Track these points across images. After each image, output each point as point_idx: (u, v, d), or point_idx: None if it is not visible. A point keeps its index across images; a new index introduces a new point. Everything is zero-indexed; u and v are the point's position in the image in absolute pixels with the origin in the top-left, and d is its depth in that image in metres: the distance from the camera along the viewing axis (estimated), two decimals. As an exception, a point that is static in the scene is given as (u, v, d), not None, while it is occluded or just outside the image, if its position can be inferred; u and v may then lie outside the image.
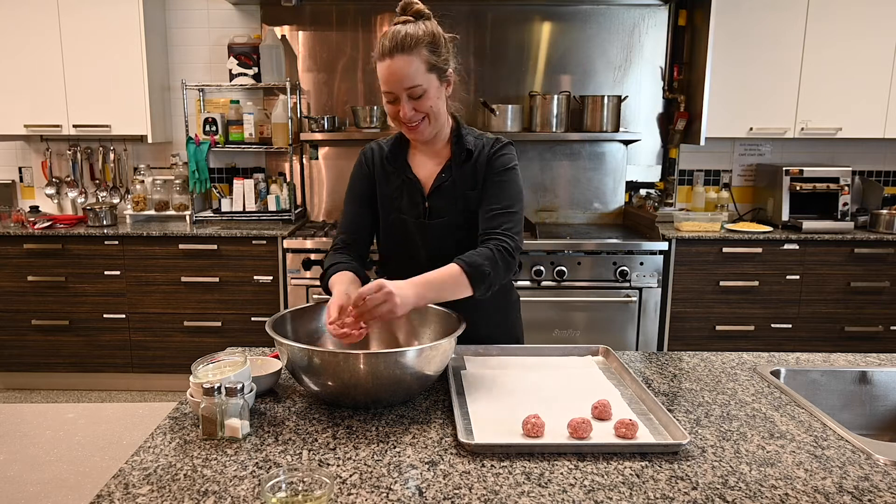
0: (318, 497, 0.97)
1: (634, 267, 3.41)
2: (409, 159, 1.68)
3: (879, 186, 3.93)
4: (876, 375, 1.58)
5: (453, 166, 1.64)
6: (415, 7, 1.53)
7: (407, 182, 1.66)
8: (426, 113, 1.54)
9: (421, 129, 1.56)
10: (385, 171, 1.68)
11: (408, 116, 1.52)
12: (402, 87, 1.49)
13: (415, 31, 1.48)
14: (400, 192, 1.66)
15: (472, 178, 1.63)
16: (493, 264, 1.49)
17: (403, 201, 1.66)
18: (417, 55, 1.48)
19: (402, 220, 1.66)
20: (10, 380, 3.78)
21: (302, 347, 1.26)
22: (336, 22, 3.86)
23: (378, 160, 1.69)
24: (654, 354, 1.69)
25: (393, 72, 1.48)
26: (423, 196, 1.65)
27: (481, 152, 1.64)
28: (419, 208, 1.65)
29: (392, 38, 1.47)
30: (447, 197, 1.64)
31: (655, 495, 1.03)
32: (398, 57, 1.47)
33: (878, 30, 3.59)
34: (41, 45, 3.60)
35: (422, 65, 1.49)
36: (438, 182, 1.64)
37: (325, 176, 4.01)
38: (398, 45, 1.46)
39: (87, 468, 1.34)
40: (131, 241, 3.53)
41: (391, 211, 1.68)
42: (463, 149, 1.64)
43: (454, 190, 1.63)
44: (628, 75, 3.94)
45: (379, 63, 1.50)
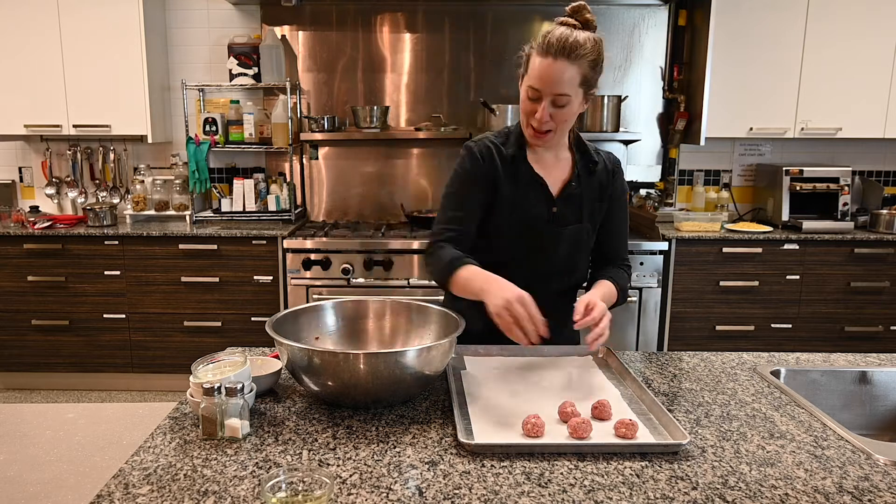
0: (318, 497, 0.97)
1: (634, 267, 3.40)
2: (530, 160, 1.62)
3: (879, 186, 3.93)
4: (876, 375, 1.58)
5: (581, 175, 1.63)
6: (585, 14, 1.48)
7: (534, 184, 1.61)
8: (559, 123, 1.51)
9: (547, 137, 1.54)
10: (507, 171, 1.60)
11: (543, 120, 1.49)
12: (552, 90, 1.46)
13: (585, 41, 1.44)
14: (526, 193, 1.60)
15: (599, 190, 1.65)
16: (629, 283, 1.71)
17: (529, 202, 1.60)
18: (578, 66, 1.45)
19: (529, 222, 1.60)
20: (10, 380, 3.78)
21: (302, 347, 1.26)
22: (336, 22, 3.86)
23: (497, 157, 1.61)
24: (654, 354, 1.69)
25: (551, 73, 1.45)
26: (552, 200, 1.61)
27: (604, 167, 1.67)
28: (547, 212, 1.61)
29: (561, 38, 1.43)
30: (574, 205, 1.62)
31: (655, 495, 1.03)
32: (561, 61, 1.44)
33: (878, 30, 3.59)
34: (41, 45, 3.60)
35: (577, 76, 1.46)
36: (568, 189, 1.62)
37: (325, 176, 4.01)
38: (566, 48, 1.43)
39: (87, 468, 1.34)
40: (131, 241, 3.53)
41: (515, 210, 1.60)
42: (591, 159, 1.64)
43: (582, 199, 1.63)
44: (628, 75, 3.94)
45: (538, 57, 1.46)
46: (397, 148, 3.97)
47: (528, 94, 1.51)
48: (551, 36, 1.45)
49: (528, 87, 1.50)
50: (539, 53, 1.46)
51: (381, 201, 4.03)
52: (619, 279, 1.65)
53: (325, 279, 3.41)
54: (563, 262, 1.64)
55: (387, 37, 3.88)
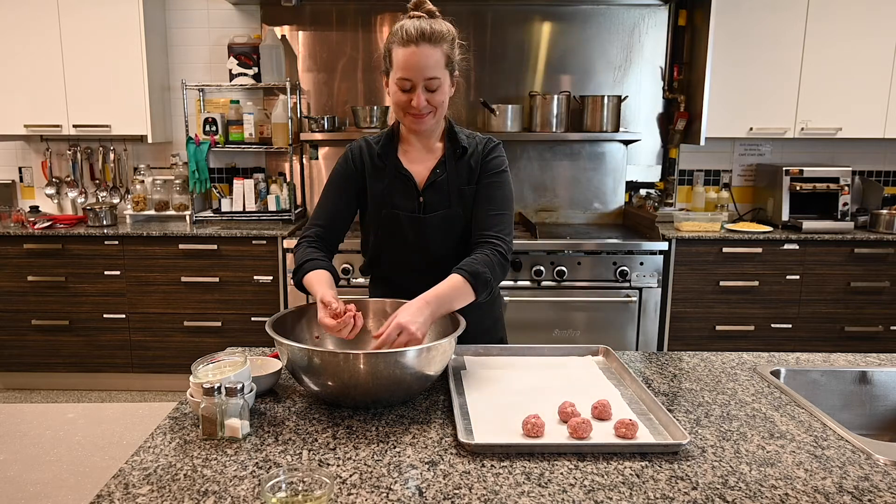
0: (318, 497, 0.97)
1: (634, 267, 3.41)
2: (400, 155, 1.69)
3: (879, 186, 3.93)
4: (876, 375, 1.58)
5: (447, 162, 1.66)
6: (426, 6, 1.57)
7: (399, 177, 1.67)
8: (436, 106, 1.57)
9: (426, 120, 1.59)
10: (375, 167, 1.68)
11: (421, 106, 1.54)
12: (422, 76, 1.52)
13: (440, 27, 1.53)
14: (392, 188, 1.67)
15: (467, 174, 1.67)
16: (492, 269, 1.55)
17: (396, 197, 1.67)
18: (441, 48, 1.53)
19: (395, 214, 1.66)
20: (10, 380, 3.78)
21: (302, 347, 1.26)
22: (336, 22, 3.86)
23: (367, 156, 1.69)
24: (654, 354, 1.69)
25: (417, 59, 1.50)
26: (418, 191, 1.66)
27: (475, 150, 1.69)
28: (413, 203, 1.66)
29: (419, 28, 1.50)
30: (442, 192, 1.66)
31: (655, 495, 1.03)
32: (424, 46, 1.50)
33: (878, 30, 3.59)
34: (41, 45, 3.60)
35: (442, 58, 1.53)
36: (433, 177, 1.66)
37: (324, 176, 4.01)
38: (425, 35, 1.50)
39: (87, 468, 1.34)
40: (131, 241, 3.53)
41: (383, 206, 1.67)
42: (458, 145, 1.67)
43: (448, 185, 1.66)
44: (628, 75, 3.94)
45: (401, 49, 1.51)
46: (397, 148, 3.96)
47: (399, 87, 1.54)
48: (408, 27, 1.51)
49: (398, 79, 1.54)
50: (401, 45, 1.52)
51: (381, 201, 4.02)
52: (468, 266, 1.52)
53: (325, 279, 3.41)
54: (436, 248, 1.66)
55: (386, 37, 3.87)
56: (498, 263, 1.58)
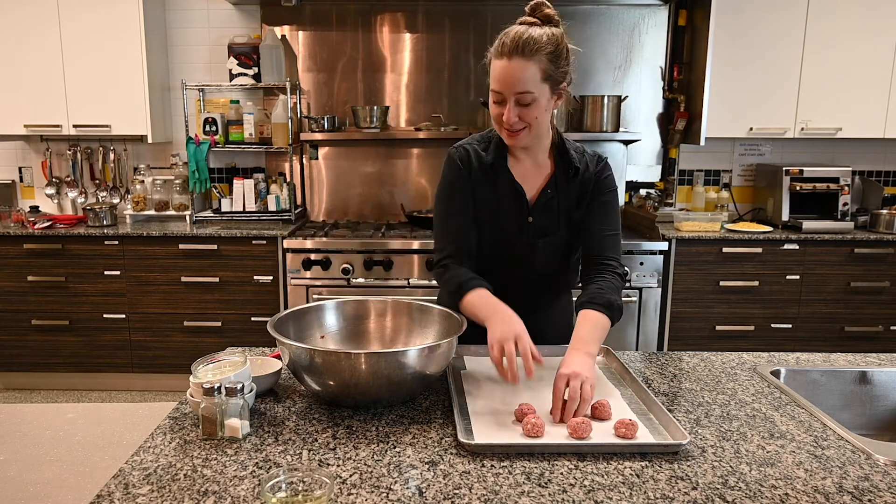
0: (318, 497, 0.97)
1: (634, 267, 3.41)
2: (511, 167, 1.60)
3: (879, 186, 3.93)
4: (876, 375, 1.58)
5: (559, 182, 1.60)
6: (545, 10, 1.47)
7: (511, 192, 1.58)
8: (529, 122, 1.48)
9: (521, 136, 1.50)
10: (485, 176, 1.59)
11: (511, 122, 1.46)
12: (513, 90, 1.44)
13: (539, 35, 1.42)
14: (502, 202, 1.58)
15: (577, 197, 1.61)
16: (618, 294, 1.53)
17: (505, 213, 1.59)
18: (536, 62, 1.42)
19: (503, 232, 1.60)
20: (10, 380, 3.78)
21: (304, 347, 1.26)
22: (336, 22, 3.86)
23: (476, 164, 1.60)
24: (654, 354, 1.69)
25: (508, 74, 1.42)
26: (529, 210, 1.59)
27: (587, 169, 1.61)
28: (522, 222, 1.60)
29: (514, 38, 1.42)
30: (551, 214, 1.60)
31: (655, 495, 1.03)
32: (516, 59, 1.41)
33: (878, 30, 3.59)
34: (41, 45, 3.59)
35: (538, 72, 1.43)
36: (543, 198, 1.59)
37: (325, 176, 4.01)
38: (519, 47, 1.41)
39: (87, 468, 1.34)
40: (131, 241, 3.53)
41: (490, 220, 1.59)
42: (570, 165, 1.59)
43: (559, 207, 1.60)
44: (628, 75, 3.94)
45: (495, 60, 1.45)
46: (397, 148, 3.97)
47: (493, 99, 1.49)
48: (506, 37, 1.44)
49: (492, 91, 1.48)
50: (496, 56, 1.45)
51: (381, 201, 4.03)
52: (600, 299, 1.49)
53: (325, 279, 3.41)
54: (542, 271, 1.62)
55: (387, 37, 3.88)
56: (620, 286, 1.56)
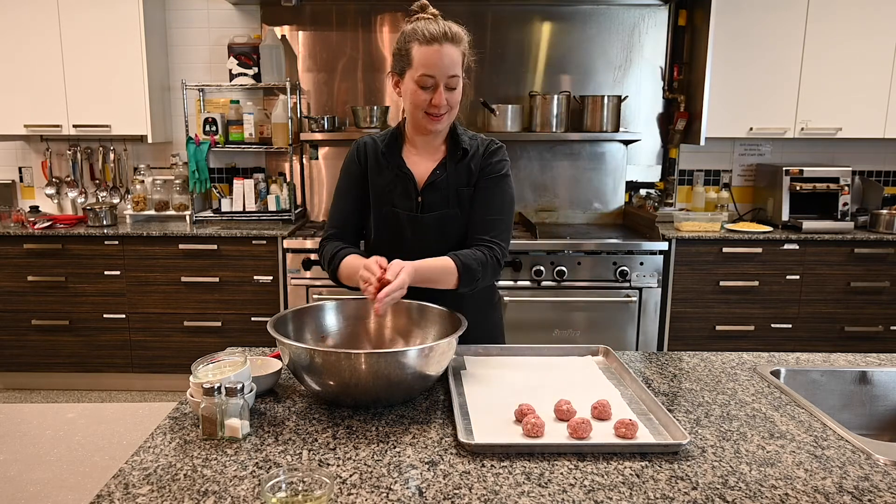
0: (318, 497, 0.97)
1: (634, 267, 3.41)
2: (404, 155, 1.71)
3: (879, 186, 3.93)
4: (876, 375, 1.58)
5: (448, 163, 1.68)
6: (430, 10, 1.61)
7: (401, 176, 1.68)
8: (453, 106, 1.59)
9: (443, 120, 1.60)
10: (379, 165, 1.70)
11: (441, 104, 1.56)
12: (446, 74, 1.54)
13: (458, 28, 1.57)
14: (393, 186, 1.68)
15: (467, 175, 1.68)
16: (484, 268, 1.60)
17: (396, 195, 1.68)
18: (461, 49, 1.56)
19: (395, 213, 1.68)
20: (10, 380, 3.78)
21: (304, 347, 1.27)
22: (336, 22, 3.86)
23: (372, 153, 1.71)
24: (654, 354, 1.69)
25: (441, 57, 1.53)
26: (417, 190, 1.68)
27: (476, 152, 1.70)
28: (412, 202, 1.67)
29: (442, 27, 1.54)
30: (440, 192, 1.67)
31: (655, 495, 1.03)
32: (448, 45, 1.53)
33: (878, 30, 3.59)
34: (41, 45, 3.60)
35: (461, 58, 1.57)
36: (433, 178, 1.67)
37: (325, 176, 4.01)
38: (448, 35, 1.54)
39: (87, 468, 1.34)
40: (131, 241, 3.53)
41: (383, 204, 1.69)
42: (459, 146, 1.69)
43: (448, 186, 1.67)
44: (628, 75, 3.94)
45: (424, 47, 1.53)
46: (397, 148, 3.96)
47: (420, 84, 1.55)
48: (429, 27, 1.54)
49: (420, 76, 1.55)
50: (424, 43, 1.53)
51: (381, 201, 4.02)
52: (464, 256, 1.58)
53: (326, 279, 3.40)
54: (432, 248, 1.63)
55: (387, 37, 3.88)
56: (491, 266, 1.62)
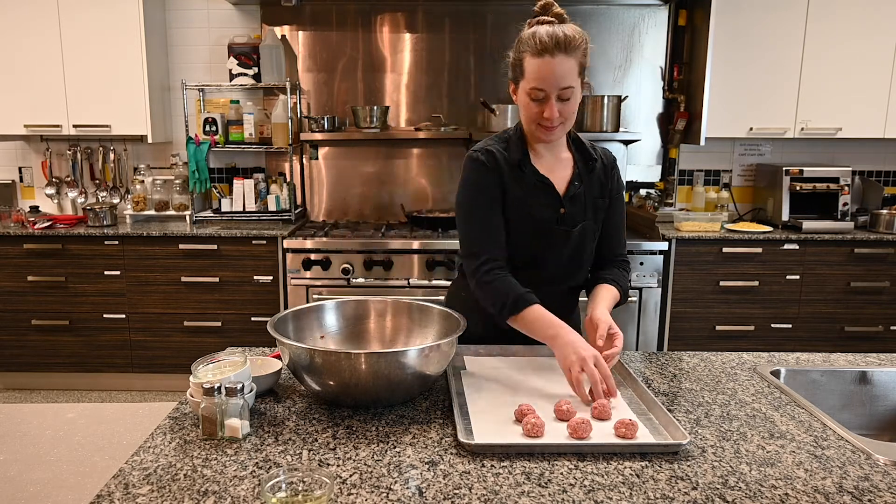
0: (318, 497, 0.97)
1: (634, 267, 3.40)
2: (534, 163, 1.63)
3: (879, 186, 3.93)
4: (876, 375, 1.58)
5: (582, 174, 1.64)
6: (555, 9, 1.53)
7: (540, 186, 1.61)
8: (567, 117, 1.53)
9: (557, 131, 1.55)
10: (513, 174, 1.60)
11: (553, 116, 1.50)
12: (557, 86, 1.48)
13: (573, 33, 1.48)
14: (533, 196, 1.60)
15: (599, 187, 1.67)
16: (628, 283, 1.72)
17: (537, 205, 1.60)
18: (575, 57, 1.48)
19: (536, 224, 1.61)
20: (10, 380, 3.78)
21: (304, 347, 1.27)
22: (336, 22, 3.86)
23: (503, 163, 1.60)
24: (654, 354, 1.69)
25: (553, 70, 1.46)
26: (560, 201, 1.62)
27: (603, 162, 1.69)
28: (555, 213, 1.61)
29: (553, 36, 1.46)
30: (580, 204, 1.64)
31: (655, 495, 1.03)
32: (560, 56, 1.46)
33: (878, 30, 3.59)
34: (41, 45, 3.59)
35: (576, 67, 1.49)
36: (573, 189, 1.63)
37: (325, 176, 4.01)
38: (561, 44, 1.46)
39: (87, 468, 1.34)
40: (131, 241, 3.53)
41: (523, 216, 1.60)
42: (590, 157, 1.66)
43: (585, 197, 1.64)
44: (628, 75, 3.94)
45: (535, 59, 1.47)
46: (397, 148, 3.97)
47: (531, 97, 1.50)
48: (540, 36, 1.46)
49: (531, 89, 1.49)
50: (535, 55, 1.47)
51: (381, 201, 4.03)
52: (620, 280, 1.67)
53: (325, 279, 3.41)
54: (570, 262, 1.66)
55: (387, 37, 3.88)
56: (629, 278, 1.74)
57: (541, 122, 1.53)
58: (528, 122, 1.57)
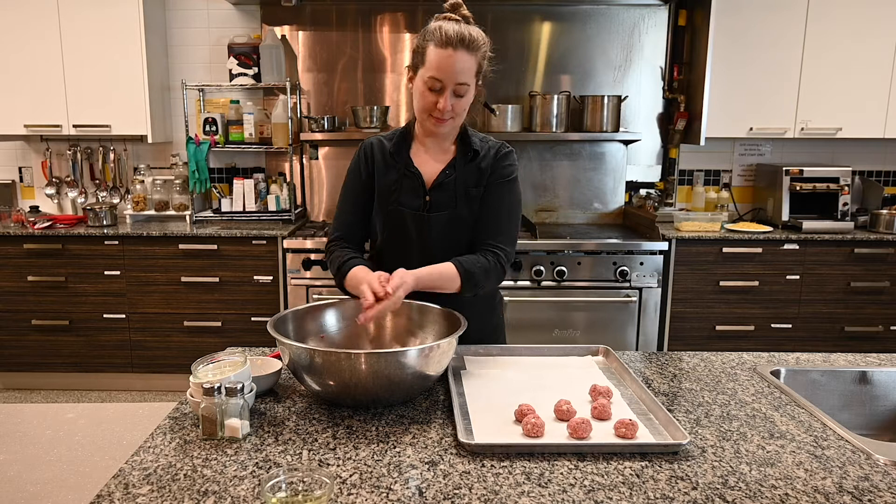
0: (318, 497, 0.97)
1: (634, 267, 3.41)
2: (412, 154, 1.70)
3: (879, 186, 3.93)
4: (876, 375, 1.58)
5: (458, 164, 1.68)
6: (463, 11, 1.58)
7: (408, 175, 1.67)
8: (458, 112, 1.58)
9: (447, 124, 1.59)
10: (386, 165, 1.69)
11: (445, 109, 1.54)
12: (454, 80, 1.52)
13: (478, 34, 1.54)
14: (399, 185, 1.67)
15: (476, 176, 1.68)
16: (486, 274, 1.62)
17: (403, 194, 1.67)
18: (476, 56, 1.54)
19: (401, 212, 1.67)
20: (10, 380, 3.78)
21: (304, 347, 1.27)
22: (336, 22, 3.86)
23: (379, 153, 1.70)
24: (654, 354, 1.69)
25: (453, 63, 1.51)
26: (425, 189, 1.67)
27: (486, 154, 1.70)
28: (420, 201, 1.67)
29: (458, 32, 1.50)
30: (449, 192, 1.67)
31: (655, 495, 1.03)
32: (462, 51, 1.51)
33: (878, 30, 3.59)
34: (41, 45, 3.59)
35: (475, 66, 1.55)
36: (441, 178, 1.67)
37: (324, 176, 4.01)
38: (465, 40, 1.51)
39: (87, 468, 1.34)
40: (131, 241, 3.53)
41: (389, 203, 1.68)
42: (469, 148, 1.69)
43: (456, 186, 1.66)
44: (628, 75, 3.94)
45: (438, 50, 1.51)
46: (397, 148, 3.97)
47: (428, 86, 1.55)
48: (447, 29, 1.51)
49: (429, 77, 1.53)
50: (438, 45, 1.51)
51: (381, 201, 4.02)
52: (467, 263, 1.59)
53: (326, 279, 3.41)
54: (439, 248, 1.66)
55: (387, 37, 3.88)
56: (494, 271, 1.63)
57: (432, 113, 1.57)
58: (420, 111, 1.61)
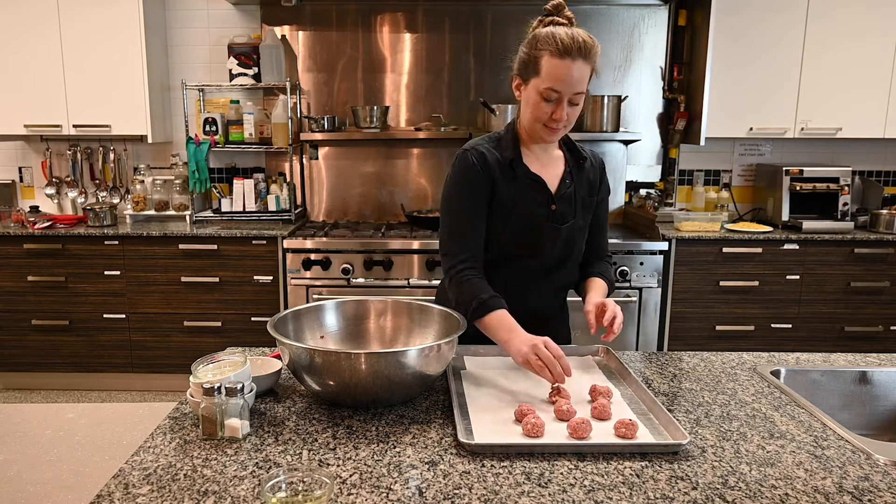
0: (318, 497, 0.97)
1: (634, 267, 3.41)
2: (526, 161, 1.64)
3: (879, 186, 3.93)
4: (876, 375, 1.58)
5: (573, 172, 1.67)
6: (566, 12, 1.55)
7: (532, 184, 1.62)
8: (572, 120, 1.55)
9: (560, 132, 1.57)
10: (503, 174, 1.61)
11: (562, 119, 1.52)
12: (572, 90, 1.49)
13: (591, 40, 1.49)
14: (524, 194, 1.61)
15: (588, 186, 1.70)
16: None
17: (529, 203, 1.61)
18: (591, 63, 1.50)
19: (530, 223, 1.61)
20: (10, 380, 3.78)
21: (304, 347, 1.27)
22: (336, 22, 3.86)
23: (494, 162, 1.60)
24: (654, 354, 1.69)
25: (572, 73, 1.47)
26: (552, 198, 1.63)
27: (592, 162, 1.72)
28: (546, 211, 1.63)
29: (575, 40, 1.46)
30: (570, 202, 1.66)
31: (655, 495, 1.03)
32: (580, 61, 1.47)
33: (878, 30, 3.59)
34: (41, 45, 3.59)
35: (590, 73, 1.51)
36: (564, 187, 1.65)
37: (324, 176, 4.01)
38: (583, 49, 1.47)
39: (87, 468, 1.34)
40: (131, 241, 3.53)
41: (513, 214, 1.61)
42: (580, 156, 1.69)
43: (575, 196, 1.67)
44: (628, 75, 3.93)
45: (555, 60, 1.47)
46: (397, 148, 3.97)
47: (544, 96, 1.50)
48: (561, 37, 1.47)
49: (545, 89, 1.49)
50: (556, 55, 1.47)
51: (381, 201, 4.03)
52: (607, 274, 1.74)
53: (325, 279, 3.41)
54: (560, 259, 1.67)
55: (387, 37, 3.88)
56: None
57: (547, 123, 1.54)
58: (532, 121, 1.56)
